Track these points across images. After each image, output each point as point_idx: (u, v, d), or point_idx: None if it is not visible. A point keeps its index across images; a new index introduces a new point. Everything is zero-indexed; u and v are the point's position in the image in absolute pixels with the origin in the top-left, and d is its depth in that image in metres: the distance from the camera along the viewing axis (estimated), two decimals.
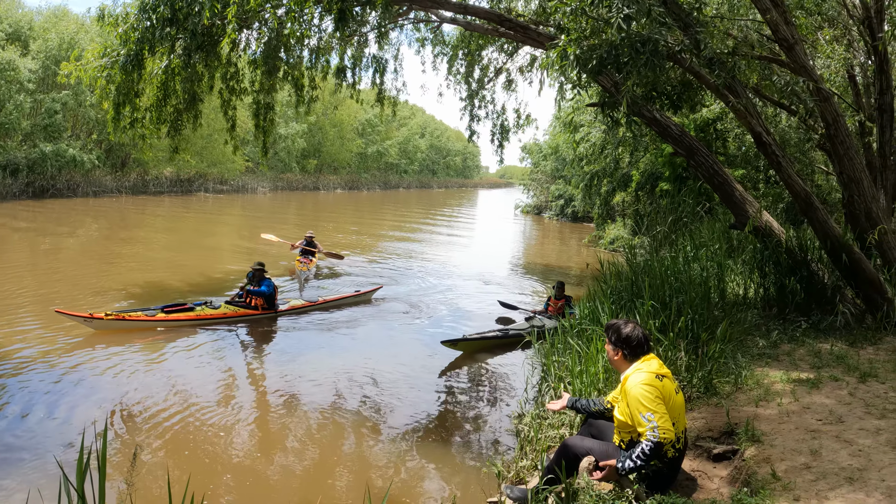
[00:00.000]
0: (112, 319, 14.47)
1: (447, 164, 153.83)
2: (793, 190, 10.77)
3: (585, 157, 33.95)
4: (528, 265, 30.96)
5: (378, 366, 13.47)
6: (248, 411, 10.88)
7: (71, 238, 30.95)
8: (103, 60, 14.84)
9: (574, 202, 51.27)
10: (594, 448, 5.93)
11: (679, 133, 12.12)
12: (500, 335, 14.99)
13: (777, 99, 12.73)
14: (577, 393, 8.54)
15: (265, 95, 16.31)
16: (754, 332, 10.33)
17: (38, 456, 8.80)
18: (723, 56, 9.20)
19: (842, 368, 8.47)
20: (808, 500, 5.14)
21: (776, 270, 11.58)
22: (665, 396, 5.55)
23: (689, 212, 20.26)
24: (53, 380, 11.60)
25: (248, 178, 79.37)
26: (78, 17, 59.95)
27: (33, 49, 51.76)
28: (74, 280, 20.32)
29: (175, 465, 8.73)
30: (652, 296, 10.12)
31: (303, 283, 21.45)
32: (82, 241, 30.30)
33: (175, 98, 15.86)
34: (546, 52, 9.94)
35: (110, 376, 11.90)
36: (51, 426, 9.78)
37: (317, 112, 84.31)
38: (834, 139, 10.55)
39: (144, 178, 62.80)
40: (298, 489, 8.41)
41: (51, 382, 11.47)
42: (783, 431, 6.49)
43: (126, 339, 14.10)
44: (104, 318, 14.37)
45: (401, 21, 17.15)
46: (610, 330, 6.13)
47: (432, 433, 10.38)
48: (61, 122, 52.01)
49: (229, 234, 36.42)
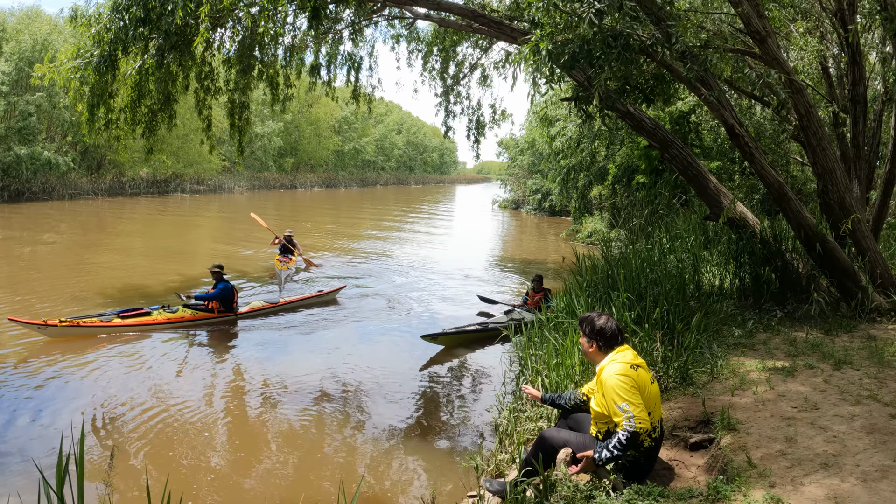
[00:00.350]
0: (66, 326, 14.23)
1: (424, 160, 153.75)
2: (766, 181, 10.86)
3: (562, 152, 34.02)
4: (507, 260, 31.00)
5: (357, 363, 13.50)
6: (226, 412, 10.88)
7: (44, 246, 30.67)
8: (77, 61, 14.74)
9: (551, 196, 51.37)
10: (571, 440, 5.96)
11: (653, 126, 12.17)
12: (479, 329, 15.07)
13: (750, 91, 12.81)
14: (554, 385, 8.58)
15: (240, 94, 16.26)
16: (730, 322, 10.40)
17: (18, 461, 8.78)
18: (695, 49, 9.25)
19: (817, 356, 8.55)
20: (783, 486, 5.20)
21: (751, 261, 11.68)
22: (640, 386, 5.58)
23: (666, 204, 20.39)
24: (33, 385, 11.56)
25: (225, 177, 79.11)
26: (51, 18, 59.46)
27: (6, 51, 51.34)
28: (50, 285, 20.18)
29: (154, 466, 8.74)
30: (627, 288, 10.18)
31: (283, 283, 21.39)
32: (57, 247, 30.07)
33: (149, 98, 15.78)
34: (519, 47, 9.96)
35: (84, 381, 11.88)
36: (29, 431, 9.74)
37: (293, 110, 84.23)
38: (807, 130, 10.63)
39: (120, 180, 62.49)
40: (277, 487, 8.42)
41: (31, 388, 11.44)
42: (759, 419, 6.54)
43: (93, 344, 14.03)
44: (58, 324, 14.14)
45: (375, 18, 17.13)
46: (584, 323, 6.16)
47: (412, 429, 10.41)
48: (36, 124, 51.65)
49: (206, 236, 36.23)
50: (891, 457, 5.53)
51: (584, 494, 5.36)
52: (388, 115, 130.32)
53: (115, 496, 7.73)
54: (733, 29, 11.97)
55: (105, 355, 13.35)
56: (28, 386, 11.59)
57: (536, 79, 19.78)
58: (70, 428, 9.42)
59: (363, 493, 8.05)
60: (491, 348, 14.67)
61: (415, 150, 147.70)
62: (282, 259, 24.13)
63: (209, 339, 15.19)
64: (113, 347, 13.88)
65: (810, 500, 4.94)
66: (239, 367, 13.25)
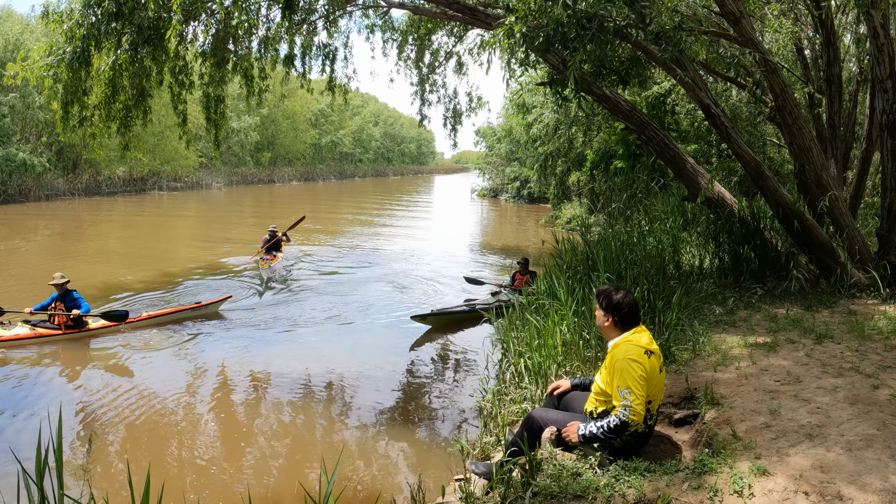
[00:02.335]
0: None
1: (402, 151, 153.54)
2: (743, 160, 10.92)
3: (539, 139, 34.12)
4: (487, 247, 31.10)
5: (341, 350, 13.61)
6: (209, 403, 10.91)
7: (22, 246, 30.51)
8: (49, 59, 14.64)
9: (530, 184, 51.55)
10: (558, 419, 5.96)
11: (629, 109, 12.20)
12: (466, 309, 15.29)
13: (725, 73, 12.88)
14: (537, 366, 8.60)
15: (215, 88, 16.19)
16: (711, 301, 10.47)
17: None
18: (669, 31, 9.28)
19: (798, 331, 8.61)
20: (769, 457, 5.22)
21: (730, 240, 11.75)
22: (649, 375, 5.55)
23: (644, 188, 20.45)
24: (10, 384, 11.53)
25: (203, 174, 78.67)
26: (22, 17, 58.91)
27: None
28: (28, 288, 20.07)
29: (135, 455, 8.72)
30: (607, 268, 10.24)
31: (265, 284, 20.41)
32: (35, 250, 29.93)
33: (124, 94, 15.68)
34: (493, 31, 9.96)
35: (58, 380, 11.85)
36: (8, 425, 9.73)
37: (269, 104, 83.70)
38: (783, 110, 10.70)
39: (97, 180, 62.04)
40: (261, 475, 8.43)
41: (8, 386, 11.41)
42: (742, 394, 6.58)
43: None
44: None
45: (349, 8, 17.12)
46: (601, 295, 6.07)
47: (396, 415, 10.46)
48: (9, 125, 51.18)
49: (184, 237, 35.98)
50: (874, 426, 5.57)
51: (571, 472, 5.38)
52: (364, 107, 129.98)
53: (96, 485, 7.73)
54: (707, 11, 12.02)
55: (101, 355, 13.35)
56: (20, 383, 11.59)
57: (511, 64, 19.82)
58: (48, 422, 9.39)
59: (351, 480, 8.06)
60: (473, 331, 14.83)
61: (392, 141, 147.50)
62: (265, 258, 22.89)
63: (188, 331, 15.11)
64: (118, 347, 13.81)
65: (796, 470, 4.97)
66: (221, 358, 13.19)
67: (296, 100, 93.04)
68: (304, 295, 18.82)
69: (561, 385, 6.59)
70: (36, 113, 51.71)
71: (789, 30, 13.82)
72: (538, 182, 43.40)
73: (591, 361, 8.56)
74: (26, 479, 4.28)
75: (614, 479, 5.16)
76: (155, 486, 4.88)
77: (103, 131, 16.15)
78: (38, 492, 4.19)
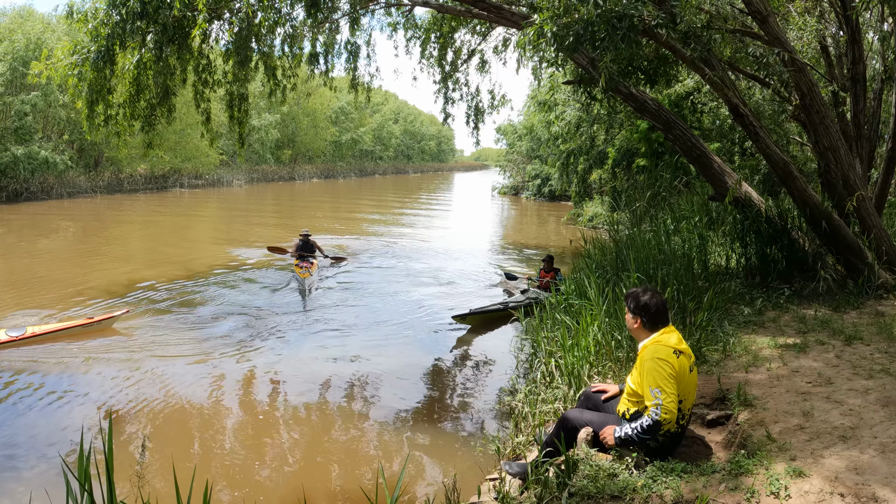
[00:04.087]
0: None
1: (422, 148, 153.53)
2: (771, 159, 10.86)
3: (561, 136, 34.07)
4: (509, 245, 31.08)
5: (370, 349, 13.64)
6: (244, 403, 10.94)
7: (46, 244, 30.67)
8: (74, 58, 14.72)
9: (551, 181, 51.46)
10: (594, 420, 5.97)
11: (656, 108, 12.16)
12: (501, 308, 15.32)
13: (751, 71, 12.80)
14: (570, 366, 8.59)
15: (238, 86, 16.23)
16: (739, 301, 10.44)
17: (39, 457, 8.83)
18: (698, 30, 9.24)
19: (827, 332, 8.58)
20: (804, 458, 5.22)
21: (757, 240, 11.69)
22: (679, 374, 5.54)
23: (667, 186, 20.38)
24: (45, 380, 11.57)
25: (224, 171, 78.86)
26: (44, 16, 59.12)
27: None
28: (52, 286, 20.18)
29: (178, 458, 8.74)
30: (637, 268, 10.20)
31: (306, 294, 18.60)
32: (56, 247, 30.08)
33: (148, 93, 15.77)
34: (522, 30, 9.93)
35: (98, 379, 11.81)
36: (49, 428, 9.78)
37: (290, 102, 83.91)
38: (809, 109, 10.64)
39: (119, 177, 62.25)
40: (305, 476, 8.47)
41: (43, 383, 11.46)
42: (774, 395, 6.57)
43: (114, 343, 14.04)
44: None
45: (372, 6, 17.12)
46: (629, 298, 6.07)
47: (425, 415, 10.47)
48: (32, 123, 51.38)
49: (206, 235, 36.02)
50: None
51: (607, 473, 5.38)
52: (384, 105, 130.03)
53: (147, 489, 7.77)
54: (733, 9, 11.96)
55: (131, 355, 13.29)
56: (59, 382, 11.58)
57: (537, 64, 19.78)
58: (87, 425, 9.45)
59: (378, 481, 8.09)
60: (500, 330, 14.82)
61: (412, 138, 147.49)
62: (302, 265, 20.62)
63: (210, 332, 14.96)
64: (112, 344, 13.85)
65: (831, 471, 4.96)
66: (253, 359, 13.17)
67: (316, 97, 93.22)
68: (333, 294, 18.89)
69: (609, 390, 6.58)
70: (57, 111, 51.94)
71: (813, 27, 13.74)
72: (559, 180, 43.38)
73: (622, 362, 8.55)
74: (65, 478, 4.29)
75: (651, 480, 5.17)
76: (198, 486, 4.90)
77: (128, 129, 16.21)
78: (86, 496, 4.19)
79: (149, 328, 14.69)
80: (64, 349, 13.08)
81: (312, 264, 20.88)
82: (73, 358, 12.69)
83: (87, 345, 13.43)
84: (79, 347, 13.20)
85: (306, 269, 20.11)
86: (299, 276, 19.72)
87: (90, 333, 14.07)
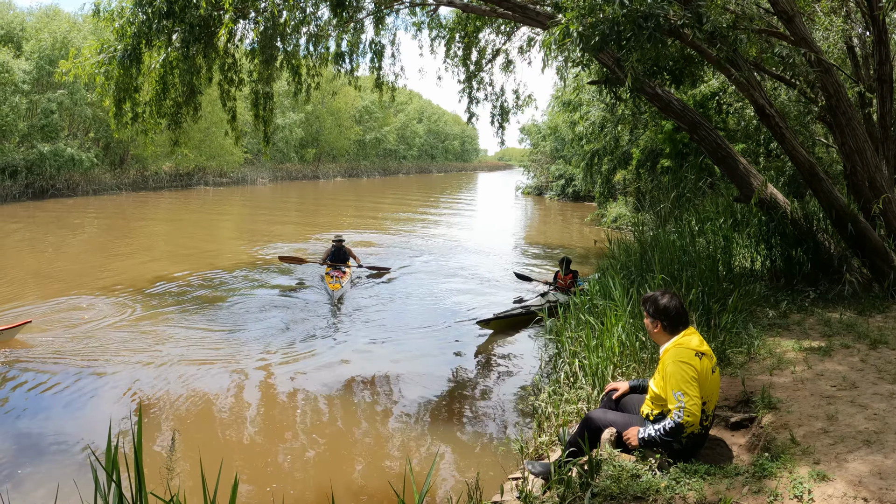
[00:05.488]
0: None
1: (445, 148, 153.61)
2: (797, 160, 10.81)
3: (585, 136, 34.00)
4: (533, 244, 31.05)
5: (394, 349, 13.73)
6: (269, 400, 11.02)
7: (72, 238, 30.90)
8: (100, 57, 14.84)
9: (575, 182, 51.38)
10: (617, 420, 5.97)
11: (681, 108, 12.12)
12: (523, 312, 15.23)
13: (777, 72, 12.74)
14: (594, 367, 8.58)
15: (264, 85, 16.29)
16: (763, 304, 10.40)
17: (65, 448, 8.96)
18: (724, 30, 9.21)
19: (852, 336, 8.54)
20: (828, 462, 5.20)
21: (782, 242, 11.62)
22: (701, 376, 5.54)
23: (692, 187, 20.30)
24: (71, 375, 11.65)
25: (248, 169, 79.22)
26: (70, 16, 59.53)
27: (26, 50, 51.42)
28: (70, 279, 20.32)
29: (204, 452, 8.78)
30: (662, 270, 10.18)
31: (337, 305, 17.27)
32: (81, 243, 30.29)
33: (174, 91, 15.86)
34: (548, 30, 9.92)
35: (123, 375, 11.84)
36: (76, 422, 9.89)
37: (314, 101, 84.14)
38: (836, 110, 10.57)
39: (144, 175, 62.67)
40: (331, 472, 8.51)
41: (70, 378, 11.53)
42: (799, 398, 6.54)
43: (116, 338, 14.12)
44: None
45: (396, 6, 17.13)
46: (647, 303, 6.06)
47: (450, 414, 10.51)
48: (58, 121, 51.76)
49: (230, 232, 36.16)
50: None
51: (631, 473, 5.38)
52: (408, 104, 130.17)
53: (175, 482, 7.82)
54: (758, 9, 11.91)
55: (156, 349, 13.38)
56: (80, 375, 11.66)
57: (562, 64, 19.72)
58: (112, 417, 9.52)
59: (407, 477, 8.11)
60: (523, 332, 14.76)
61: (436, 138, 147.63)
62: (333, 275, 19.05)
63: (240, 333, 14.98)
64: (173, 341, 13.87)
65: (855, 476, 4.95)
66: (277, 354, 13.20)
67: (340, 96, 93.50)
68: (357, 292, 18.90)
69: (619, 387, 6.59)
70: (83, 109, 52.38)
71: (839, 27, 13.65)
72: (583, 180, 43.32)
73: (645, 364, 8.53)
74: (93, 471, 4.32)
75: (674, 482, 5.17)
76: (225, 479, 4.93)
77: (155, 127, 16.31)
78: (115, 488, 4.22)
79: (173, 324, 14.76)
80: (87, 345, 13.15)
81: (344, 273, 19.40)
82: (97, 354, 12.76)
83: (111, 340, 13.53)
84: (100, 344, 13.27)
85: (337, 279, 18.62)
86: (329, 287, 18.22)
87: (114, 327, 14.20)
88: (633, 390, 6.52)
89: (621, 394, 6.53)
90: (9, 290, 17.85)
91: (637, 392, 6.49)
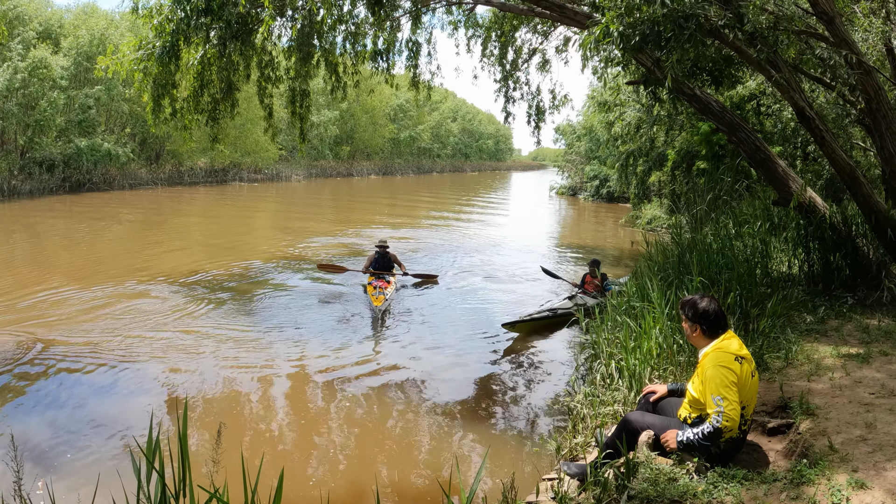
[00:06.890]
0: None
1: (480, 147, 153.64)
2: (836, 164, 10.69)
3: (620, 137, 33.84)
4: (567, 245, 30.95)
5: (428, 347, 13.76)
6: (306, 399, 11.09)
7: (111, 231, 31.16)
8: (139, 53, 14.96)
9: (609, 183, 51.18)
10: (655, 423, 5.94)
11: (720, 110, 12.04)
12: (550, 315, 15.17)
13: (816, 73, 12.62)
14: (631, 369, 8.55)
15: (301, 82, 16.36)
16: (801, 309, 10.28)
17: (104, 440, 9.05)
18: (764, 31, 9.13)
19: (891, 343, 8.42)
20: (866, 471, 5.15)
21: (821, 246, 11.48)
22: (741, 381, 5.51)
23: (728, 190, 20.19)
24: (108, 367, 11.78)
25: (282, 166, 79.73)
26: (107, 13, 60.19)
27: (64, 46, 52.02)
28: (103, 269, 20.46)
29: (246, 447, 8.82)
30: (699, 272, 10.12)
31: (380, 318, 15.92)
32: (121, 233, 30.55)
33: (212, 88, 15.95)
34: (588, 29, 9.86)
35: (162, 369, 11.93)
36: (114, 411, 10.00)
37: (349, 99, 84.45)
38: (876, 113, 10.44)
39: (179, 170, 63.29)
40: (375, 467, 8.54)
41: (107, 370, 11.66)
42: (837, 405, 6.48)
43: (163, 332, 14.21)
44: None
45: (433, 4, 17.15)
46: (686, 306, 6.04)
47: (484, 415, 10.50)
48: (95, 116, 52.36)
49: (264, 227, 36.34)
50: None
51: (668, 476, 5.35)
52: (443, 103, 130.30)
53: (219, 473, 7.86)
54: (797, 9, 11.80)
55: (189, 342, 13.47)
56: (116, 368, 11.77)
57: (599, 63, 19.64)
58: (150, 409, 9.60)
59: (442, 478, 8.11)
60: (554, 334, 14.70)
61: (470, 137, 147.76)
62: (376, 284, 17.62)
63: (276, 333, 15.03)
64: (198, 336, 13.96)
65: (894, 484, 4.90)
66: (314, 352, 13.24)
67: (375, 94, 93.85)
68: (399, 294, 18.79)
69: (658, 390, 6.55)
70: (120, 105, 53.06)
71: (879, 29, 13.50)
72: (618, 181, 43.17)
73: (682, 366, 8.48)
74: (139, 465, 4.34)
75: (712, 486, 5.14)
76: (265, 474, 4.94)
77: (193, 123, 16.43)
78: (158, 480, 4.25)
79: (210, 320, 14.86)
80: (124, 341, 13.24)
81: (388, 283, 17.90)
82: (135, 346, 12.86)
83: (148, 332, 13.64)
84: (140, 340, 13.35)
85: (380, 292, 17.00)
86: (372, 301, 16.64)
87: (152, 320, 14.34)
88: (671, 394, 6.49)
89: (659, 397, 6.50)
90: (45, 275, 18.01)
91: (675, 396, 6.46)
